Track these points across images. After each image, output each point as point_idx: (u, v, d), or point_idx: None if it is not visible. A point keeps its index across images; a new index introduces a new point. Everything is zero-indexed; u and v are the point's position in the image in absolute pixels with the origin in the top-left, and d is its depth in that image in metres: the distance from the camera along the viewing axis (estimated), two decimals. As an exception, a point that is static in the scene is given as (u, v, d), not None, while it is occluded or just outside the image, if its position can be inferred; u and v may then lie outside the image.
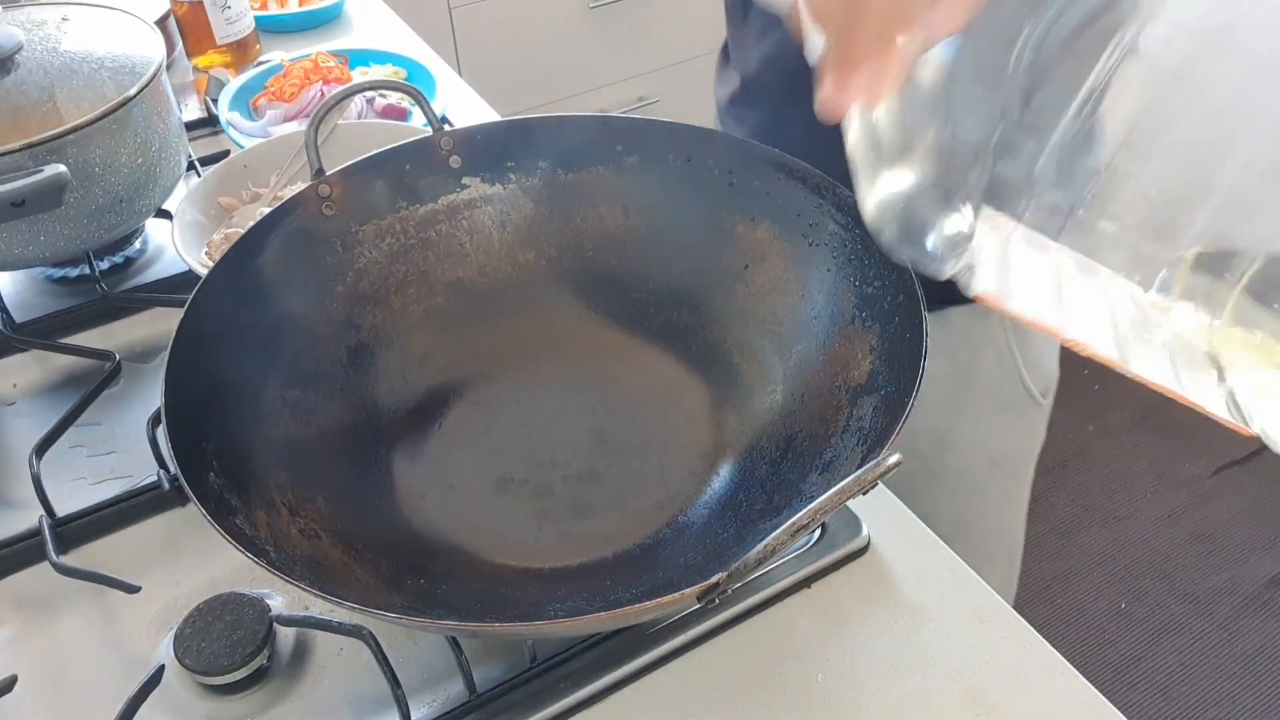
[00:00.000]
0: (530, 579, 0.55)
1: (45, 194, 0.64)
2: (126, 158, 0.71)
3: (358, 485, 0.58)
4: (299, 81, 0.98)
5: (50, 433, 0.64)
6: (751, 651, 0.54)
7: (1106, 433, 1.83)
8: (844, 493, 0.40)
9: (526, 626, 0.48)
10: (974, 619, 0.55)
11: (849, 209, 0.57)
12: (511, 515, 0.59)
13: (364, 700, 0.53)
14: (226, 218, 0.80)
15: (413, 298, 0.65)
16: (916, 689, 0.52)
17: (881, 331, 0.55)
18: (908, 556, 0.58)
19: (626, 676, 0.53)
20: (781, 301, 0.61)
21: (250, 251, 0.58)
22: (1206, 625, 1.52)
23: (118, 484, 0.64)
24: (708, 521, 0.57)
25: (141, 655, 0.55)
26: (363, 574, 0.52)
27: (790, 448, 0.57)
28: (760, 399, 0.61)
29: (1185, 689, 1.45)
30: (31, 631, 0.57)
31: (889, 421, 0.49)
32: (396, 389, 0.63)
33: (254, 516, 0.49)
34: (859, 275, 0.57)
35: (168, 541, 0.61)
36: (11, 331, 0.74)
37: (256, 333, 0.58)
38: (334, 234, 0.62)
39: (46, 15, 0.75)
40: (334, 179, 0.61)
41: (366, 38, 1.17)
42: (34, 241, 0.70)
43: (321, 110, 0.60)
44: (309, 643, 0.56)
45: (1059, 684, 0.52)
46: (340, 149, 0.78)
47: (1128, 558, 1.62)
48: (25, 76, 0.69)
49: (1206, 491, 1.72)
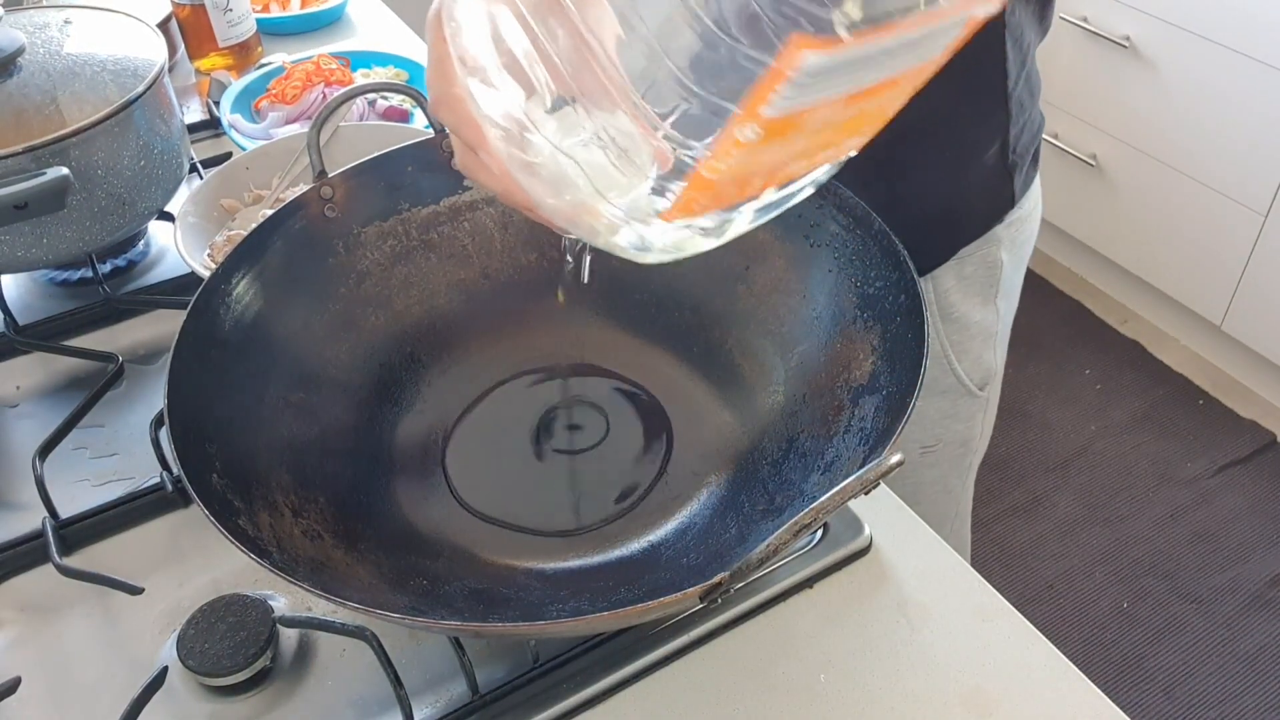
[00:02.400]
0: (533, 579, 0.55)
1: (48, 196, 0.64)
2: (129, 160, 0.72)
3: (360, 486, 0.58)
4: (301, 84, 0.98)
5: (53, 435, 0.64)
6: (754, 651, 0.54)
7: (1108, 432, 1.83)
8: (846, 493, 0.41)
9: (529, 627, 0.48)
10: (976, 619, 0.55)
11: (850, 210, 0.57)
12: (514, 515, 0.59)
13: (367, 701, 0.53)
14: (229, 220, 0.80)
15: (415, 299, 0.65)
16: (919, 689, 0.52)
17: (883, 332, 0.55)
18: (910, 556, 0.58)
19: (629, 677, 0.53)
20: (783, 302, 0.61)
21: (253, 254, 0.58)
22: (1209, 624, 1.52)
23: (121, 486, 0.65)
24: (710, 522, 0.57)
25: (144, 657, 0.56)
26: (365, 575, 0.52)
27: (792, 448, 0.57)
28: (762, 399, 0.61)
29: (1187, 688, 1.45)
30: (35, 633, 0.57)
31: (891, 421, 0.49)
32: (398, 390, 0.63)
33: (257, 518, 0.49)
34: (860, 276, 0.57)
35: (171, 543, 0.62)
36: (14, 334, 0.75)
37: (259, 335, 0.58)
38: (336, 236, 0.62)
39: (49, 18, 0.76)
40: (336, 181, 0.61)
41: (368, 40, 1.18)
42: (37, 244, 0.70)
43: (324, 112, 0.60)
44: (312, 644, 0.56)
45: (1061, 683, 0.52)
46: (342, 151, 0.78)
47: (1129, 557, 1.62)
48: (28, 79, 0.69)
49: (1208, 491, 1.72)
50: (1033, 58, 0.72)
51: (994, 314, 0.80)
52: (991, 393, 0.85)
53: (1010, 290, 0.81)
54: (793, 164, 0.36)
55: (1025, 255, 0.81)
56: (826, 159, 0.37)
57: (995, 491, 1.73)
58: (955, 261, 0.76)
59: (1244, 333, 1.82)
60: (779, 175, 0.36)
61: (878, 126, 0.36)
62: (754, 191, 0.36)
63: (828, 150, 0.36)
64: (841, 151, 0.37)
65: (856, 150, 0.38)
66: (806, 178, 0.39)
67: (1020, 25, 0.68)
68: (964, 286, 0.77)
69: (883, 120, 0.36)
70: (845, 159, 0.39)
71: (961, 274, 0.77)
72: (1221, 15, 1.63)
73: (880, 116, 0.35)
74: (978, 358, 0.81)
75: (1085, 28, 1.84)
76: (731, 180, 0.34)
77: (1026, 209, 0.78)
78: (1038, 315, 2.05)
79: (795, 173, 0.37)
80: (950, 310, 0.78)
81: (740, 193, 0.36)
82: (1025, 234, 0.79)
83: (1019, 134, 0.73)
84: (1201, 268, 1.84)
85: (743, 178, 0.35)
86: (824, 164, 0.38)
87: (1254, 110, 1.64)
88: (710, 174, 0.33)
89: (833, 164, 0.39)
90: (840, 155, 0.38)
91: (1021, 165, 0.75)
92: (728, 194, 0.36)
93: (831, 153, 0.37)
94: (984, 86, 0.70)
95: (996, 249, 0.77)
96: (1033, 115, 0.75)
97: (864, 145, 0.38)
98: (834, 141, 0.35)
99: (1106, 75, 1.86)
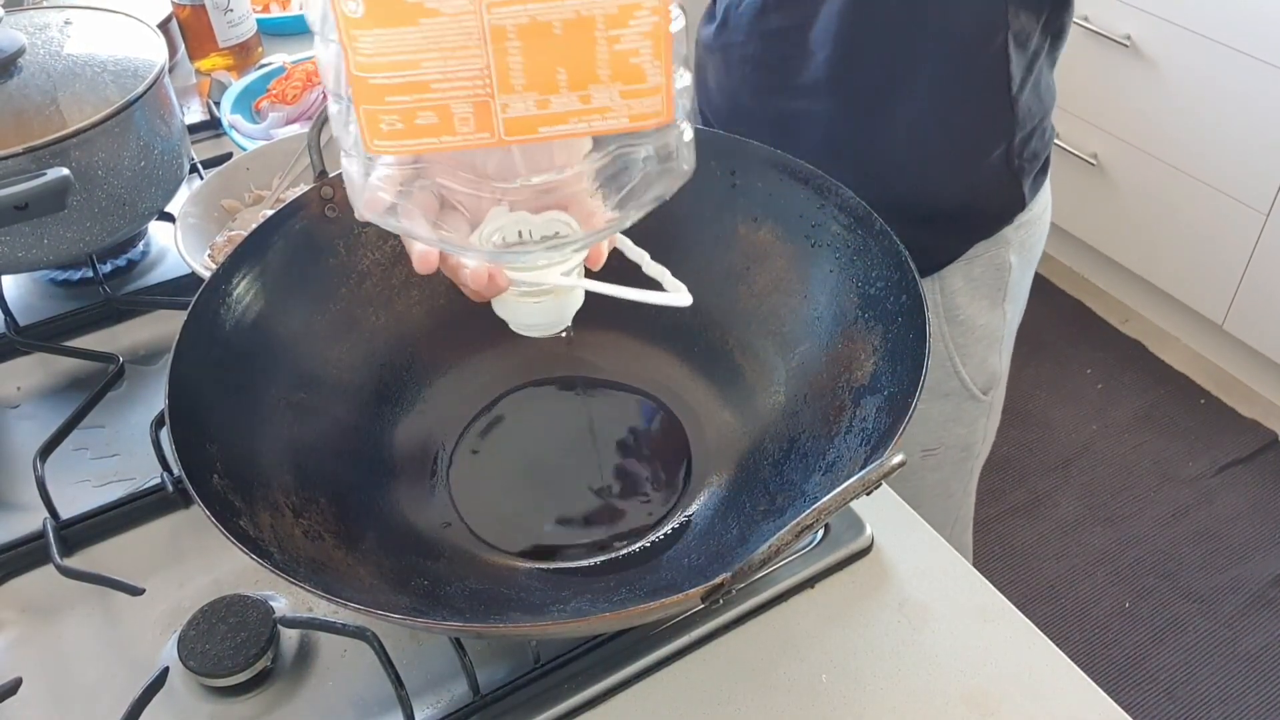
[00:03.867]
0: (534, 580, 0.55)
1: (48, 197, 0.64)
2: (129, 160, 0.72)
3: (361, 487, 0.58)
4: (301, 84, 0.98)
5: (54, 435, 0.64)
6: (755, 652, 0.54)
7: (1109, 432, 1.83)
8: (848, 493, 0.40)
9: (531, 627, 0.48)
10: (978, 618, 0.55)
11: (852, 210, 0.57)
12: (515, 516, 0.59)
13: (368, 702, 0.53)
14: (229, 220, 0.80)
15: (416, 300, 0.65)
16: (920, 688, 0.52)
17: (884, 332, 0.54)
18: (911, 556, 0.58)
19: (630, 677, 0.53)
20: (784, 302, 0.61)
21: (253, 254, 0.58)
22: (1210, 624, 1.52)
23: (122, 486, 0.65)
24: (711, 522, 0.57)
25: (146, 657, 0.56)
26: (366, 575, 0.52)
27: (793, 448, 0.57)
28: (763, 400, 0.61)
29: (1189, 688, 1.44)
30: (36, 634, 0.57)
31: (892, 422, 0.49)
32: (399, 390, 0.63)
33: (258, 518, 0.49)
34: (862, 276, 0.57)
35: (171, 544, 0.61)
36: (15, 334, 0.75)
37: (260, 335, 0.58)
38: (337, 236, 0.62)
39: (49, 19, 0.76)
40: (337, 181, 0.61)
41: (368, 40, 1.17)
42: (37, 244, 0.70)
43: (324, 112, 0.60)
44: (313, 644, 0.56)
45: (1063, 683, 0.52)
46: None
47: (1131, 557, 1.62)
48: (28, 80, 0.69)
49: (1210, 490, 1.72)
50: (1044, 68, 0.72)
51: (1001, 317, 0.80)
52: (995, 398, 0.85)
53: (1018, 295, 0.81)
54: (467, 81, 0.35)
55: (1034, 259, 0.81)
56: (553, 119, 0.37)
57: (996, 491, 1.72)
58: (964, 263, 0.76)
59: (1245, 332, 1.82)
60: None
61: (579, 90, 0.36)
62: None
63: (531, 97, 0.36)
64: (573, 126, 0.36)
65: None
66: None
67: (1025, 31, 0.68)
68: (972, 288, 0.77)
69: (584, 76, 0.35)
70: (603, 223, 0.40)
71: (970, 275, 0.77)
72: (1222, 14, 1.63)
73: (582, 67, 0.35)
74: (982, 361, 0.81)
75: (1086, 27, 1.84)
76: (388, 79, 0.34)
77: (1036, 212, 0.78)
78: (1039, 315, 2.04)
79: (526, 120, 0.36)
80: (957, 312, 0.78)
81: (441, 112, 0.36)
82: (1034, 237, 0.79)
83: (1025, 139, 0.73)
84: (1203, 267, 1.83)
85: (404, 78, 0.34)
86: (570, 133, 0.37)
87: (1255, 109, 1.64)
88: (358, 71, 0.34)
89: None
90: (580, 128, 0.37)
91: (1029, 170, 0.75)
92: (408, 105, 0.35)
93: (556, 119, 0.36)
94: (987, 88, 0.70)
95: (1005, 251, 0.77)
96: (1043, 124, 0.75)
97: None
98: (517, 80, 0.35)
99: (1107, 74, 1.86)
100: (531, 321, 0.48)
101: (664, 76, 0.36)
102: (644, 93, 0.36)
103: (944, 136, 0.72)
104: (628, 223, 0.42)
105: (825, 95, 0.72)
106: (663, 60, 0.35)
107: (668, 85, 0.36)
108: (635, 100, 0.36)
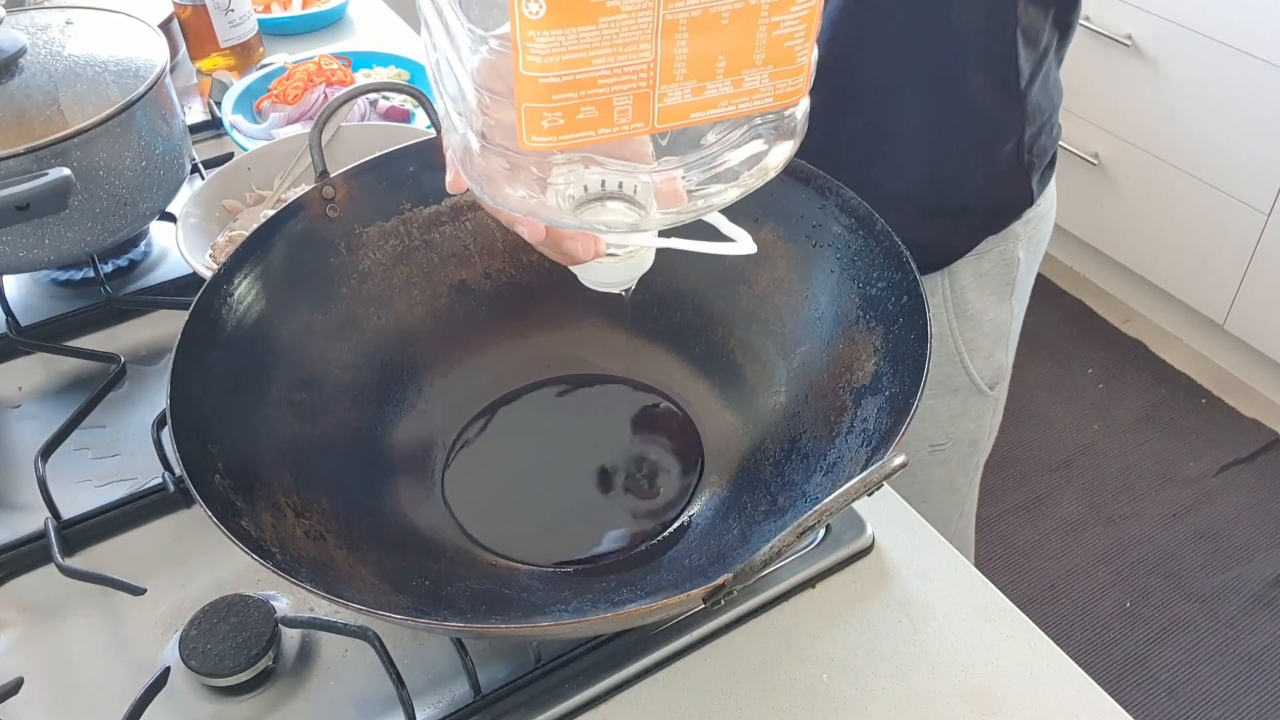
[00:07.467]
0: (535, 580, 0.55)
1: (50, 197, 0.64)
2: (130, 161, 0.72)
3: (363, 487, 0.58)
4: (302, 84, 0.98)
5: (56, 435, 0.64)
6: (756, 652, 0.54)
7: (1110, 431, 1.83)
8: (849, 494, 0.40)
9: (532, 627, 0.48)
10: (979, 618, 0.55)
11: (853, 211, 0.57)
12: (516, 516, 0.59)
13: (369, 702, 0.53)
14: (230, 220, 0.80)
15: (417, 299, 0.65)
16: (922, 688, 0.52)
17: (885, 333, 0.55)
18: (912, 556, 0.58)
19: (631, 677, 0.53)
20: (785, 303, 0.61)
21: (255, 254, 0.58)
22: (1211, 624, 1.52)
23: (123, 486, 0.65)
24: (712, 523, 0.57)
25: (147, 657, 0.56)
26: (368, 575, 0.52)
27: (794, 449, 0.57)
28: (764, 400, 0.61)
29: (1190, 688, 1.44)
30: (37, 634, 0.57)
31: (894, 423, 0.49)
32: (401, 390, 0.63)
33: (259, 518, 0.49)
34: (863, 277, 0.57)
35: (173, 544, 0.62)
36: (16, 334, 0.75)
37: (261, 335, 0.58)
38: (338, 236, 0.62)
39: (50, 19, 0.76)
40: (338, 181, 0.61)
41: (369, 40, 1.17)
42: (39, 244, 0.70)
43: (325, 113, 0.60)
44: (314, 644, 0.56)
45: (1064, 683, 0.52)
46: (344, 151, 0.78)
47: (1132, 556, 1.62)
48: (29, 80, 0.69)
49: (1211, 490, 1.72)
50: (1052, 65, 0.72)
51: (1008, 312, 0.81)
52: (1001, 392, 0.86)
53: (1024, 289, 0.82)
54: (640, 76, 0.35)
55: (1040, 254, 0.82)
56: (718, 102, 0.37)
57: (997, 491, 1.72)
58: (974, 258, 0.76)
59: (1247, 331, 1.82)
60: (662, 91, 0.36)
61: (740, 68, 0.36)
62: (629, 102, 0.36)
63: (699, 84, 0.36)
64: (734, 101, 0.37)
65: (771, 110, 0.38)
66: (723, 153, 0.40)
67: (1034, 26, 0.68)
68: (981, 283, 0.77)
69: (743, 60, 0.36)
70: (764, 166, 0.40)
71: (980, 270, 0.77)
72: (1224, 14, 1.63)
73: (741, 53, 0.35)
74: (989, 356, 0.81)
75: (1087, 26, 1.84)
76: (559, 78, 0.34)
77: (1044, 207, 0.78)
78: (1040, 314, 2.04)
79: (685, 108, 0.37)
80: (966, 307, 0.78)
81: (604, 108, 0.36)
82: (1041, 232, 0.80)
83: (1035, 135, 0.74)
84: (1204, 266, 1.83)
85: (578, 75, 0.35)
86: (731, 116, 0.38)
87: (1256, 109, 1.64)
88: (527, 71, 0.34)
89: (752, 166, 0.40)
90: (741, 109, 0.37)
91: (1039, 165, 0.75)
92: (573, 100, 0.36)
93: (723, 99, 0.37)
94: (998, 81, 0.70)
95: (1015, 246, 0.77)
96: (1052, 120, 0.75)
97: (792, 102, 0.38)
98: (687, 71, 0.35)
99: (1109, 74, 1.86)
100: (608, 280, 0.50)
101: (809, 57, 0.37)
102: (791, 73, 0.37)
103: (953, 130, 0.72)
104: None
105: (829, 89, 0.72)
106: (811, 41, 0.36)
107: (810, 64, 0.37)
108: (782, 81, 0.37)
